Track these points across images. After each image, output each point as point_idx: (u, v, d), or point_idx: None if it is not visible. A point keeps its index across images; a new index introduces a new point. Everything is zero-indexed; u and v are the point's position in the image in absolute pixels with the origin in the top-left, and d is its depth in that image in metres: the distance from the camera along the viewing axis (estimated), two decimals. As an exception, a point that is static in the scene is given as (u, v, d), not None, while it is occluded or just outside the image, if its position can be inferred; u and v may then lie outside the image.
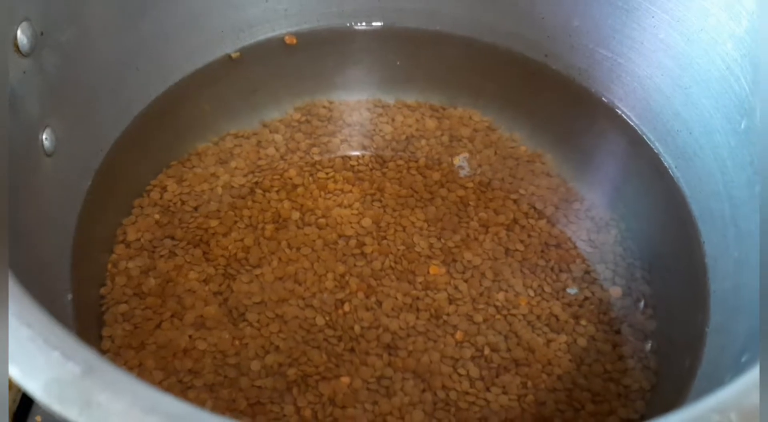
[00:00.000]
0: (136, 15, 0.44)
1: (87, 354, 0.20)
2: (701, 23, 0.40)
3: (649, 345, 0.40)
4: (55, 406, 0.19)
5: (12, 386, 0.38)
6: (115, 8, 0.42)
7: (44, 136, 0.36)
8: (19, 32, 0.33)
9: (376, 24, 0.54)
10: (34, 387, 0.20)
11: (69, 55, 0.38)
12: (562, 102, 0.51)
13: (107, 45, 0.42)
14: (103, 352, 0.39)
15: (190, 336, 0.39)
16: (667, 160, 0.46)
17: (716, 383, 0.32)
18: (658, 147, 0.46)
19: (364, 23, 0.53)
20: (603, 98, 0.49)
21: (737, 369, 0.29)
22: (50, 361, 0.20)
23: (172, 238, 0.43)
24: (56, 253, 0.38)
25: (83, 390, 0.20)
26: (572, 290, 0.42)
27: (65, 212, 0.40)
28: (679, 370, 0.38)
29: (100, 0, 0.41)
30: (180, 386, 0.38)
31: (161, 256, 0.42)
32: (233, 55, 0.51)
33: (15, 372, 0.20)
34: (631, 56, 0.46)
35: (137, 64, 0.45)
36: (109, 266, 0.42)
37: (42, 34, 0.35)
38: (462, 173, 0.47)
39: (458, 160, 0.48)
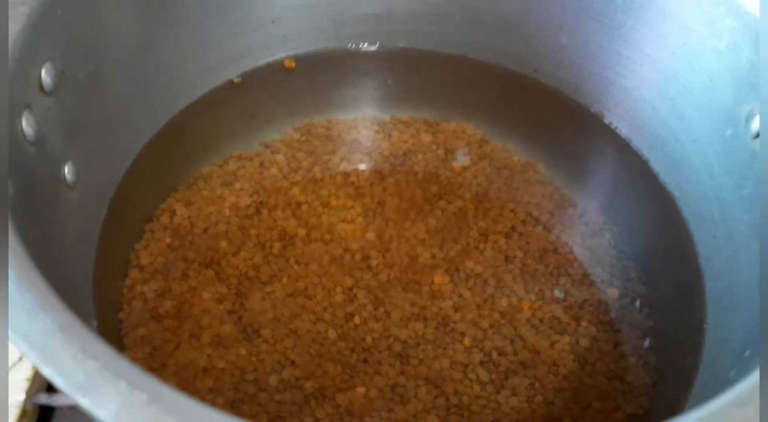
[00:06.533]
0: (145, 48, 0.45)
1: (152, 382, 0.22)
2: (684, 38, 0.42)
3: (648, 342, 0.42)
4: (128, 432, 0.21)
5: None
6: (126, 43, 0.43)
7: (66, 170, 0.37)
8: (43, 72, 0.34)
9: (371, 45, 0.55)
10: (105, 415, 0.21)
11: (86, 90, 0.39)
12: (552, 114, 0.53)
13: (119, 79, 0.43)
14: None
15: (208, 356, 0.40)
16: (656, 167, 0.47)
17: (719, 377, 0.34)
18: (646, 154, 0.48)
19: (359, 45, 0.55)
20: (591, 109, 0.51)
21: (741, 365, 0.31)
22: (118, 390, 0.21)
23: (185, 260, 0.44)
24: (80, 283, 0.39)
25: (152, 416, 0.21)
26: (559, 294, 0.44)
27: (86, 241, 0.41)
28: (680, 366, 0.40)
29: (113, 37, 0.42)
30: (203, 405, 0.39)
31: (175, 279, 0.43)
32: (235, 80, 0.52)
33: (85, 403, 0.21)
34: (617, 70, 0.48)
35: (146, 95, 0.46)
36: (125, 291, 0.42)
37: (63, 72, 0.36)
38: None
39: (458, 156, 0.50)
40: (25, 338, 0.22)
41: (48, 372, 0.22)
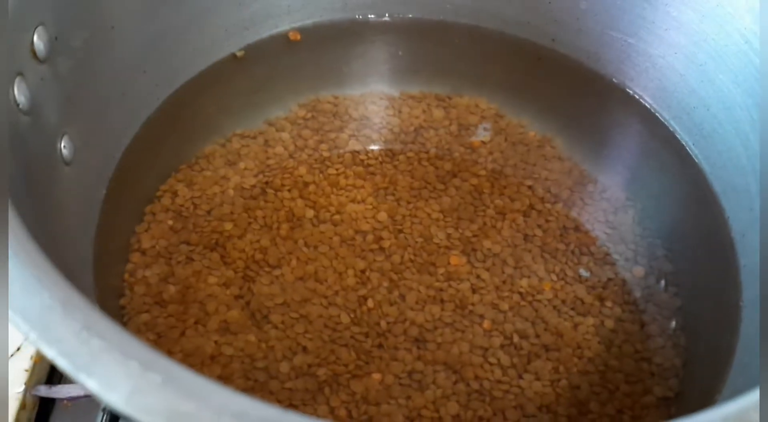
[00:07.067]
0: (143, 16, 0.43)
1: (165, 362, 0.20)
2: (716, -1, 0.41)
3: (676, 322, 0.40)
4: (142, 417, 0.18)
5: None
6: (123, 10, 0.41)
7: (62, 144, 0.35)
8: (35, 37, 0.32)
9: (380, 16, 0.53)
10: (116, 399, 0.19)
11: (81, 60, 0.37)
12: (569, 86, 0.51)
13: (116, 49, 0.41)
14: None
15: (215, 342, 0.39)
16: (684, 138, 0.46)
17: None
18: (673, 125, 0.46)
19: (367, 15, 0.53)
20: (613, 79, 0.49)
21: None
22: (129, 371, 0.19)
23: (188, 243, 0.42)
24: (80, 266, 0.37)
25: (168, 400, 0.19)
26: (585, 272, 0.42)
27: (85, 222, 0.39)
28: (715, 347, 0.39)
29: (108, 3, 0.40)
30: (211, 393, 0.37)
31: (178, 262, 0.41)
32: (238, 54, 0.51)
33: (93, 385, 0.19)
34: (642, 36, 0.46)
35: (145, 67, 0.44)
36: (126, 275, 0.41)
37: (56, 38, 0.34)
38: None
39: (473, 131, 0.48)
40: (23, 315, 0.20)
41: (50, 352, 0.19)
